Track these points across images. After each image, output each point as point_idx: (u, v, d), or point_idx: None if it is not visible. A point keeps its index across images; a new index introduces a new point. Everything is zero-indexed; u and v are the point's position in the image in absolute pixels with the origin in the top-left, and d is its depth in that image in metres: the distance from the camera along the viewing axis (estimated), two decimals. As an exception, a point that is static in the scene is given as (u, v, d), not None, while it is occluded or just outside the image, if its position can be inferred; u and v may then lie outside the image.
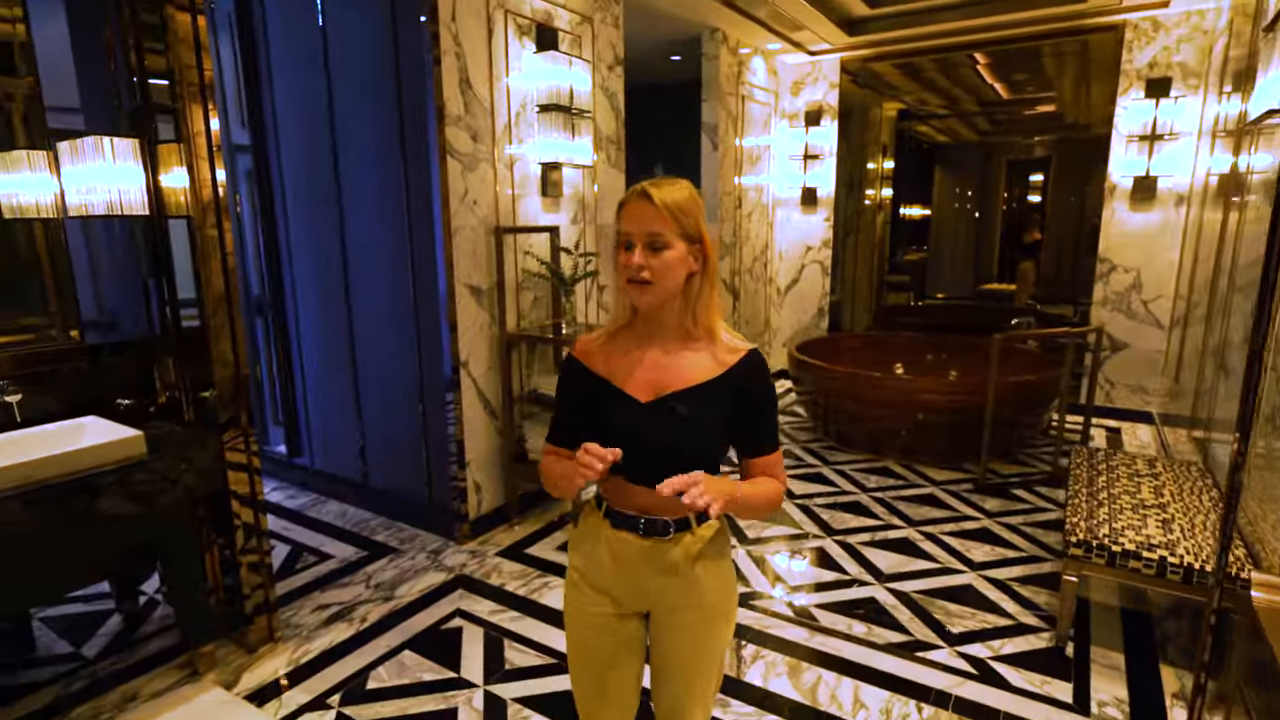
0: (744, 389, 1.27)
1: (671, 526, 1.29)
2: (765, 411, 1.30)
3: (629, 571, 1.31)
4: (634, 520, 1.29)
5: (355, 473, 3.71)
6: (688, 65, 5.44)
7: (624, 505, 1.31)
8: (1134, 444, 4.71)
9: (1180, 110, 4.64)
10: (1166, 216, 4.87)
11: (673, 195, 1.19)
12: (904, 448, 4.32)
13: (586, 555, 1.37)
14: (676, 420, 1.23)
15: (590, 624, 1.37)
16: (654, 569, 1.30)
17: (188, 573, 2.32)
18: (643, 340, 1.29)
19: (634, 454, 1.20)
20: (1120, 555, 2.24)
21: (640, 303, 1.23)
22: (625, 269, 1.21)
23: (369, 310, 3.42)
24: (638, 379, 1.26)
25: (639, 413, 1.25)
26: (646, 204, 1.18)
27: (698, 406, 1.24)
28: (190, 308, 2.38)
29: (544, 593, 2.85)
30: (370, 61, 3.09)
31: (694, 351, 1.27)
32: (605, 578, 1.34)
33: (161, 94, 2.20)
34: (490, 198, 3.20)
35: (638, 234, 1.19)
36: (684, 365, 1.26)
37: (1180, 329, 4.46)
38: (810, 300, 6.47)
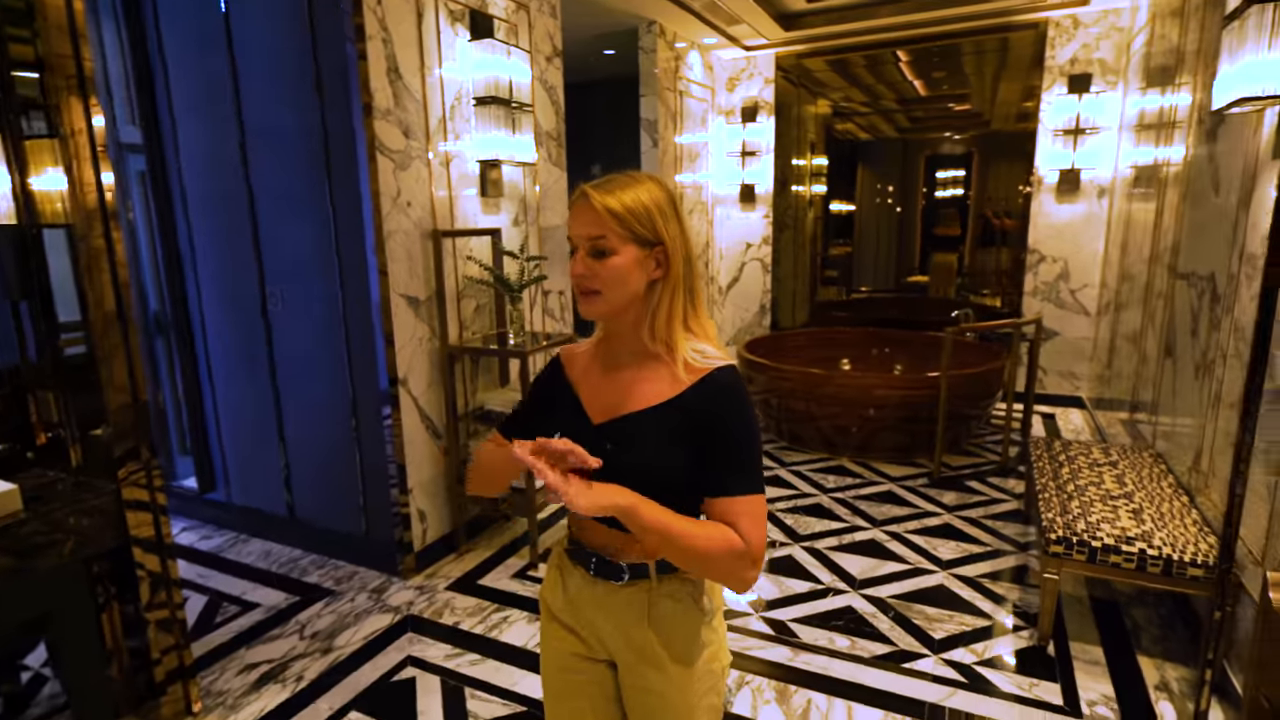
0: (705, 414, 1.04)
1: (625, 572, 1.11)
2: (729, 442, 1.03)
3: (583, 613, 1.17)
4: (587, 556, 1.15)
5: (280, 506, 3.35)
6: (621, 61, 5.27)
7: (582, 538, 1.17)
8: (1068, 429, 4.86)
9: (1100, 105, 4.82)
10: (1090, 208, 5.05)
11: (621, 196, 1.04)
12: (857, 445, 4.29)
13: (549, 585, 1.24)
14: (619, 447, 1.06)
15: (561, 664, 1.22)
16: (608, 616, 1.15)
17: (80, 640, 1.97)
18: (612, 353, 1.15)
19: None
20: (1101, 550, 2.22)
21: (587, 313, 1.09)
22: (573, 275, 1.08)
23: (291, 325, 3.08)
24: (597, 397, 1.13)
25: (588, 434, 1.09)
26: (586, 205, 1.04)
27: (647, 431, 1.06)
28: (74, 330, 2.02)
29: (504, 629, 2.62)
30: (283, 49, 2.77)
31: (654, 370, 1.10)
32: (564, 615, 1.21)
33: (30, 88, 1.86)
34: (426, 198, 2.92)
35: (579, 238, 1.06)
36: (641, 385, 1.10)
37: (1109, 315, 4.62)
38: (752, 298, 6.42)
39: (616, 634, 1.15)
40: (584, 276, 1.05)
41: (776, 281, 6.41)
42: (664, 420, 1.06)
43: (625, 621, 1.13)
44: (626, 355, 1.13)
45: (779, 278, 6.44)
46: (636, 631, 1.12)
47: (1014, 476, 3.95)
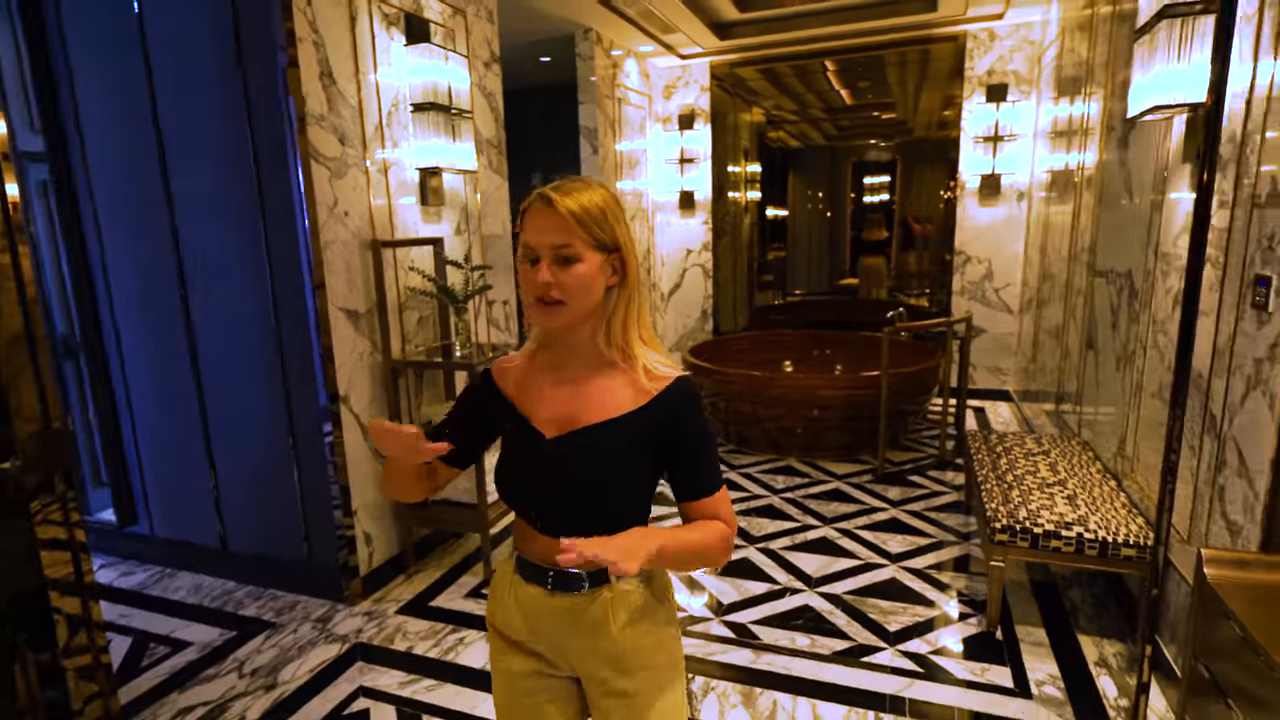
0: (671, 423, 1.06)
1: (585, 581, 1.09)
2: (700, 448, 1.07)
3: (544, 630, 1.13)
4: (542, 572, 1.11)
5: (210, 536, 3.15)
6: (558, 68, 5.24)
7: (532, 554, 1.12)
8: (998, 421, 5.10)
9: (1017, 114, 5.10)
10: (1010, 211, 5.32)
11: (580, 199, 1.01)
12: (803, 445, 4.38)
13: (499, 607, 1.18)
14: (580, 461, 1.05)
15: (522, 689, 1.17)
16: (572, 629, 1.11)
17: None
18: (557, 364, 1.11)
19: (539, 498, 1.08)
20: (1042, 536, 2.32)
21: (550, 326, 1.04)
22: (531, 287, 1.02)
23: (219, 343, 2.90)
24: (546, 410, 1.09)
25: (542, 450, 1.07)
26: (549, 211, 1.00)
27: (612, 443, 1.05)
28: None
29: (460, 650, 2.53)
30: (204, 50, 2.61)
31: (611, 379, 1.08)
32: (520, 633, 1.15)
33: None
34: (364, 208, 2.81)
35: (542, 246, 1.01)
36: (598, 396, 1.07)
37: (1031, 312, 4.88)
38: (694, 303, 6.48)
39: (582, 645, 1.11)
40: (549, 286, 1.00)
41: (717, 286, 6.49)
42: (629, 430, 1.05)
43: (591, 631, 1.10)
44: (578, 365, 1.09)
45: (719, 283, 6.53)
46: (603, 640, 1.10)
47: (952, 469, 4.11)
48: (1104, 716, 2.07)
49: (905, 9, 4.98)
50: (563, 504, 1.06)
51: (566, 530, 1.00)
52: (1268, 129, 1.70)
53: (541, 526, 1.09)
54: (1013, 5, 4.71)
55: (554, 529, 1.07)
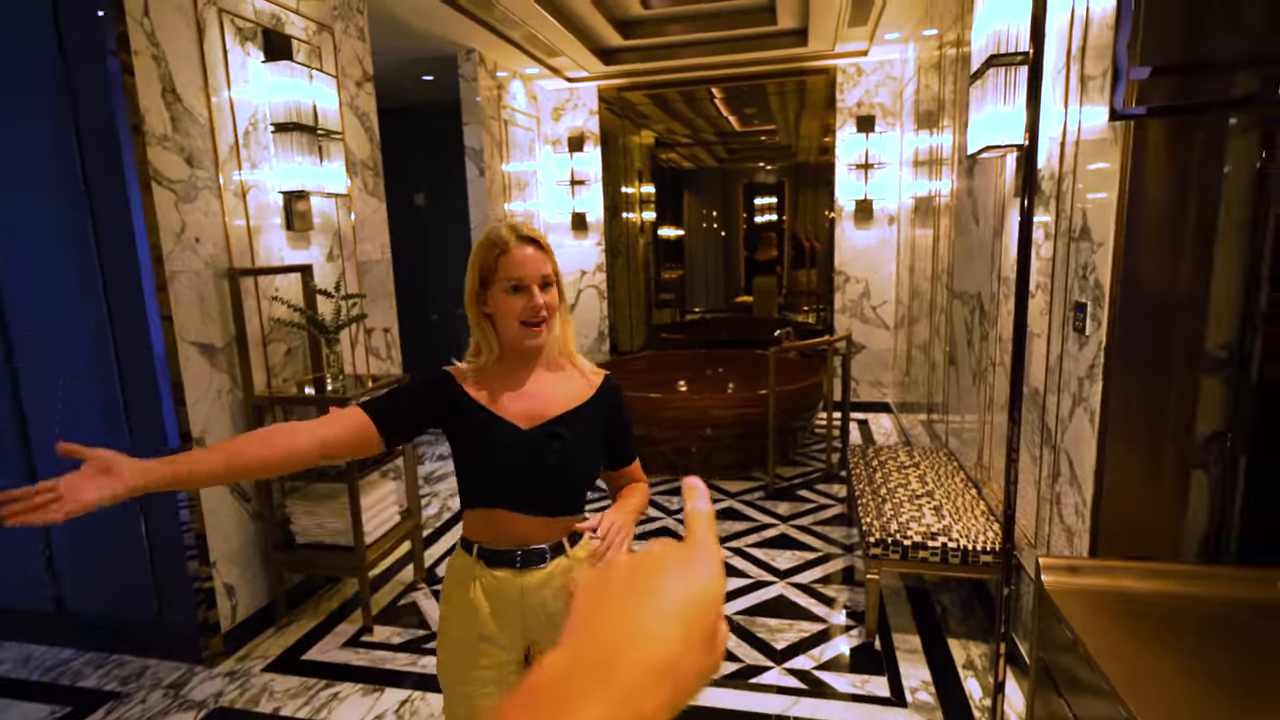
0: (612, 408, 1.37)
1: (548, 553, 1.31)
2: (629, 427, 1.43)
3: (508, 611, 1.30)
4: (510, 555, 1.29)
5: (42, 598, 2.79)
6: (441, 87, 5.12)
7: (500, 540, 1.30)
8: (880, 432, 5.38)
9: (885, 143, 5.45)
10: (883, 234, 5.67)
11: (545, 238, 1.29)
12: (698, 464, 4.44)
13: (460, 605, 1.31)
14: (559, 445, 1.27)
15: (477, 679, 1.31)
16: (533, 602, 1.30)
17: None
18: (512, 373, 1.31)
19: (515, 482, 1.27)
20: (911, 548, 2.44)
21: (538, 342, 1.27)
22: (525, 311, 1.24)
23: (47, 383, 2.59)
24: (514, 407, 1.29)
25: (521, 441, 1.27)
26: (535, 249, 1.25)
27: (576, 429, 1.30)
28: None
29: (334, 707, 2.36)
30: (19, 58, 2.35)
31: (562, 380, 1.34)
32: (485, 623, 1.30)
33: None
34: (218, 234, 2.61)
35: (533, 278, 1.23)
36: (557, 392, 1.32)
37: (905, 329, 5.20)
38: (590, 324, 6.47)
39: (543, 616, 1.30)
40: (543, 308, 1.24)
41: (613, 307, 6.52)
42: (587, 416, 1.32)
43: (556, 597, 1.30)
44: (531, 370, 1.32)
45: (615, 303, 6.56)
46: (563, 603, 1.28)
47: (837, 481, 4.28)
48: (971, 719, 2.19)
49: (779, 43, 5.23)
50: (538, 483, 1.28)
51: (538, 506, 1.28)
52: (1079, 167, 1.88)
53: (516, 505, 1.27)
54: (875, 43, 5.04)
55: (528, 506, 1.28)
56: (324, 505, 2.84)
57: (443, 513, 4.10)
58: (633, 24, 5.16)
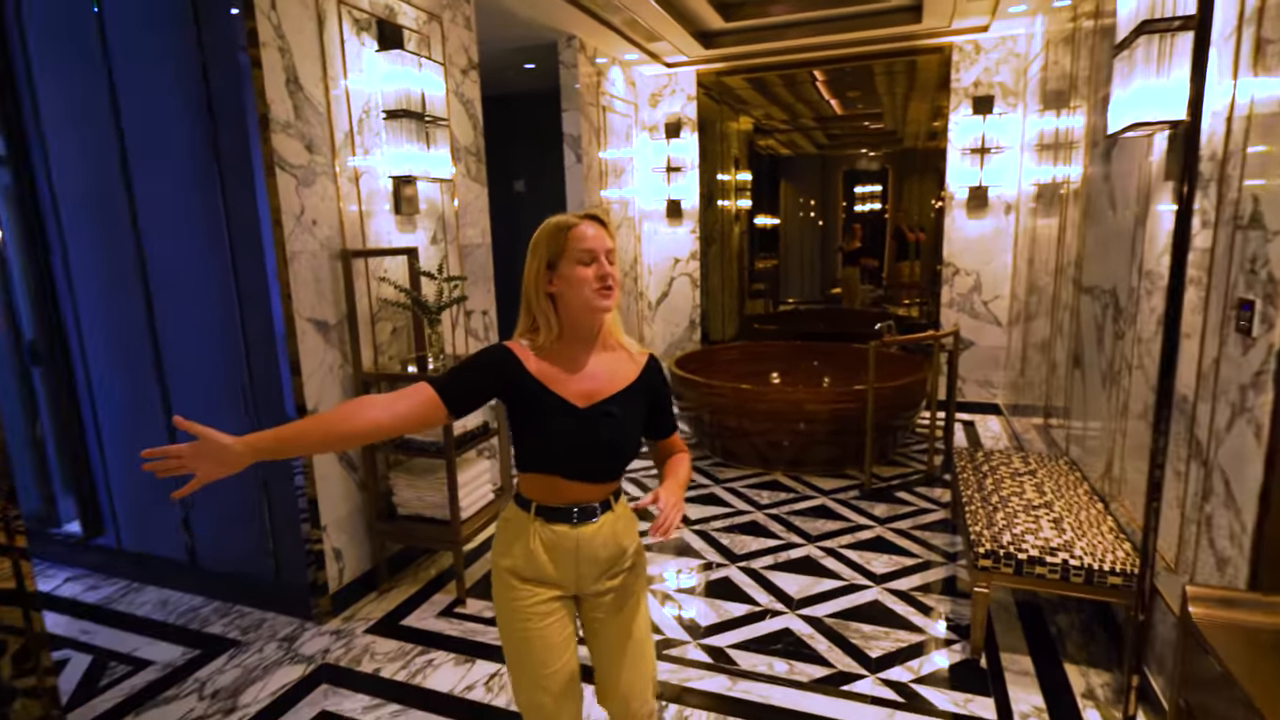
0: (654, 385, 1.48)
1: (599, 510, 1.44)
2: (670, 401, 1.55)
3: (565, 558, 1.43)
4: (567, 511, 1.41)
5: (178, 550, 3.06)
6: (542, 75, 5.19)
7: (557, 501, 1.41)
8: (987, 435, 5.05)
9: (1003, 126, 5.07)
10: (998, 223, 5.29)
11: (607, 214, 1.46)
12: (790, 459, 4.31)
13: (520, 555, 1.43)
14: (612, 423, 1.37)
15: (537, 614, 1.43)
16: (587, 551, 1.43)
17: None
18: (570, 352, 1.40)
19: (573, 455, 1.38)
20: (1026, 563, 2.26)
21: (608, 308, 1.36)
22: (597, 279, 1.34)
23: (185, 353, 2.82)
24: (572, 387, 1.37)
25: (578, 418, 1.36)
26: (601, 228, 1.38)
27: (627, 408, 1.40)
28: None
29: (428, 674, 2.45)
30: (166, 54, 2.54)
31: (611, 360, 1.43)
32: (543, 568, 1.42)
33: None
34: (333, 217, 2.74)
35: (601, 250, 1.35)
36: (610, 373, 1.41)
37: (1020, 326, 4.84)
38: (681, 313, 6.42)
39: (595, 562, 1.44)
40: (610, 276, 1.35)
41: (706, 295, 6.44)
42: (636, 395, 1.43)
43: (605, 546, 1.44)
44: (586, 352, 1.41)
45: (708, 292, 6.48)
46: (611, 550, 1.45)
47: (940, 485, 4.05)
48: (1087, 749, 2.00)
49: (890, 20, 4.95)
50: (594, 456, 1.39)
51: (591, 475, 1.41)
52: (1248, 147, 1.65)
53: (572, 474, 1.40)
54: (998, 18, 4.68)
55: (583, 475, 1.41)
56: (424, 479, 2.94)
57: (533, 493, 4.18)
58: (734, 4, 5.03)
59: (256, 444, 1.16)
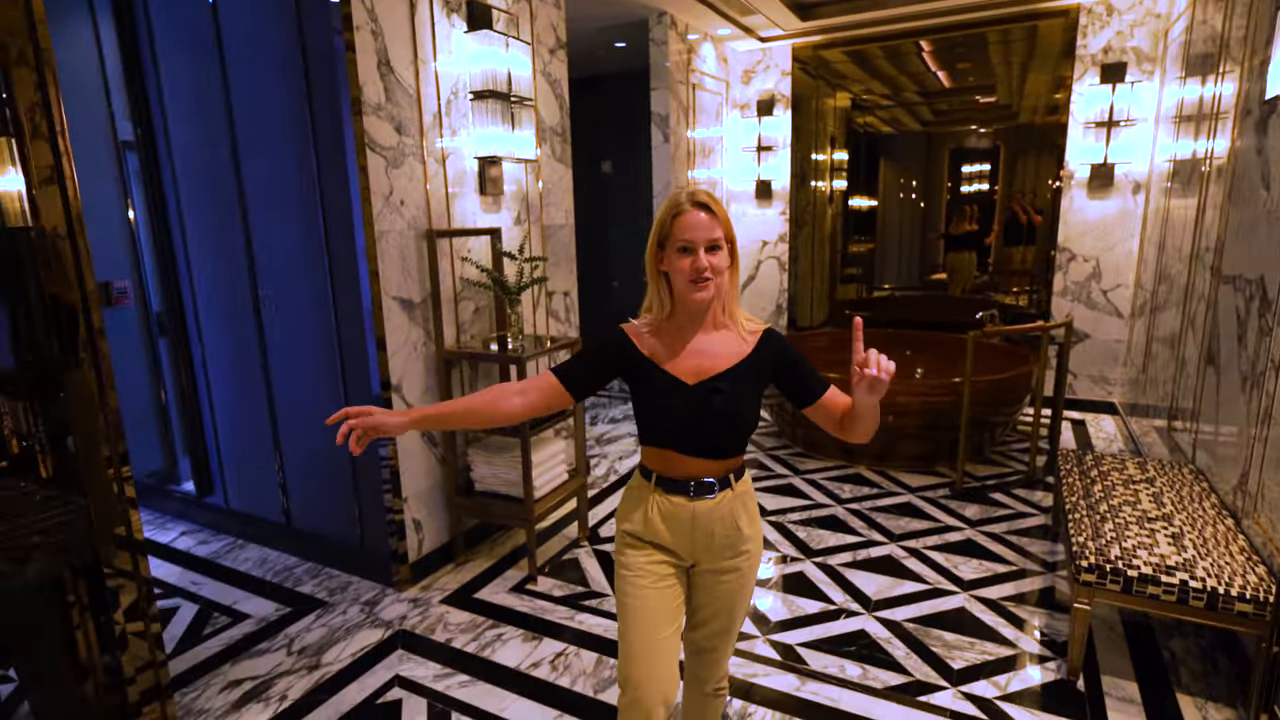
0: (776, 357, 1.45)
1: (716, 486, 1.46)
2: (800, 364, 1.46)
3: (681, 529, 1.46)
4: (685, 484, 1.45)
5: (276, 512, 3.27)
6: (632, 54, 5.12)
7: (675, 473, 1.46)
8: (1099, 436, 4.63)
9: (1136, 96, 4.57)
10: (1124, 204, 4.80)
11: (721, 207, 1.38)
12: (875, 453, 4.12)
13: (639, 521, 1.49)
14: (720, 399, 1.39)
15: (648, 574, 1.48)
16: (703, 525, 1.46)
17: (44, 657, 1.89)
18: (680, 330, 1.44)
19: (684, 430, 1.42)
20: (1137, 580, 2.04)
21: (703, 299, 1.37)
22: (692, 271, 1.35)
23: (284, 328, 2.99)
24: (682, 364, 1.42)
25: (687, 395, 1.40)
26: (708, 215, 1.36)
27: (736, 384, 1.40)
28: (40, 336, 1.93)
29: (497, 648, 2.50)
30: (271, 40, 2.66)
31: (724, 337, 1.44)
32: (660, 535, 1.47)
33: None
34: (420, 197, 2.81)
35: (701, 240, 1.35)
36: (719, 350, 1.43)
37: (1144, 318, 4.39)
38: (768, 297, 6.25)
39: (710, 536, 1.46)
40: (707, 269, 1.34)
41: (794, 279, 6.23)
42: (747, 372, 1.42)
43: (721, 522, 1.46)
44: (699, 329, 1.43)
45: (797, 275, 6.26)
46: (727, 527, 1.47)
47: (1041, 488, 3.75)
48: (1202, 794, 1.79)
49: (1009, -19, 4.56)
50: (705, 431, 1.42)
51: (705, 450, 1.43)
52: None
53: (686, 449, 1.43)
54: (1137, -27, 4.21)
55: (696, 450, 1.43)
56: (500, 456, 3.00)
57: (609, 475, 4.20)
58: (835, -27, 4.78)
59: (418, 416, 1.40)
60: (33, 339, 1.92)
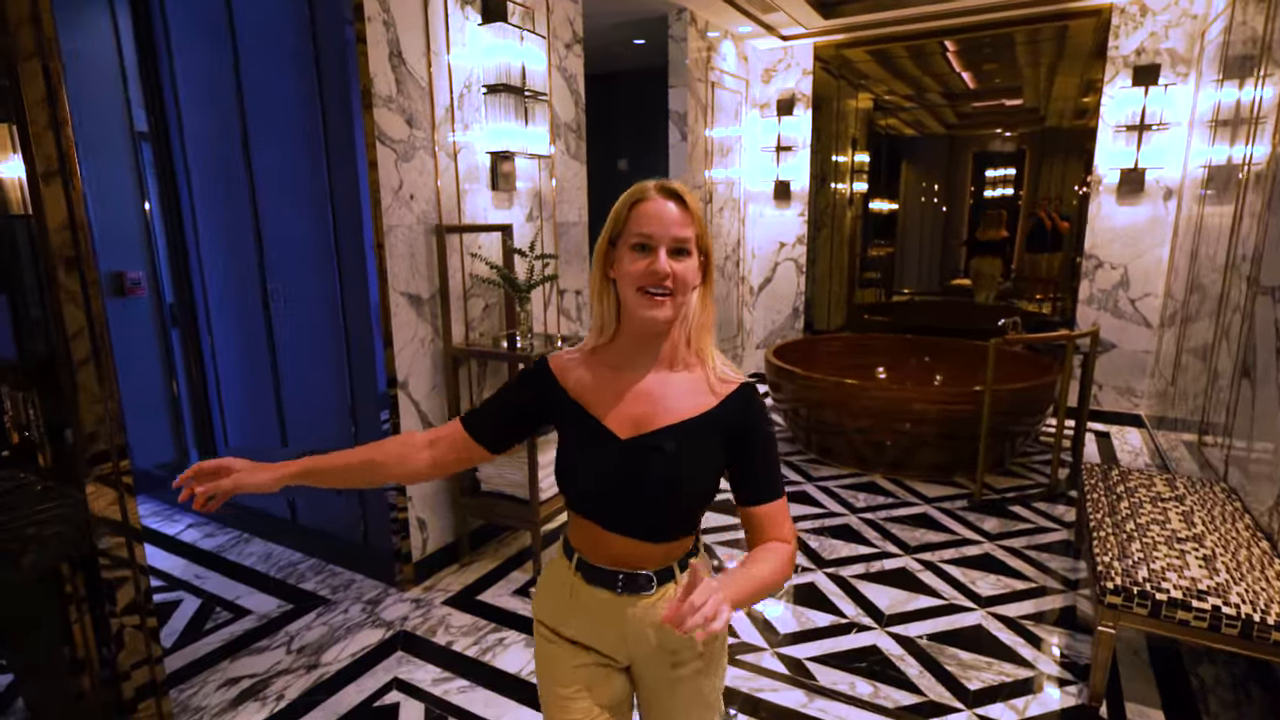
0: (739, 426, 1.08)
1: (654, 580, 1.11)
2: (764, 453, 1.09)
3: (608, 627, 1.14)
4: (611, 576, 1.11)
5: (282, 507, 3.24)
6: (649, 51, 5.05)
7: (598, 557, 1.12)
8: (1124, 449, 4.50)
9: (1170, 99, 4.43)
10: (1154, 210, 4.66)
11: (694, 199, 1.06)
12: (891, 461, 4.02)
13: (555, 610, 1.18)
14: (661, 462, 1.05)
15: (572, 679, 1.16)
16: (635, 629, 1.12)
17: (39, 649, 1.86)
18: (625, 362, 1.11)
19: (609, 499, 1.08)
20: (1166, 604, 1.94)
21: (658, 316, 1.03)
22: (646, 275, 1.02)
23: (292, 322, 2.96)
24: (618, 411, 1.08)
25: (617, 451, 1.07)
26: (676, 205, 1.03)
27: (687, 446, 1.06)
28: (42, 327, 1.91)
29: (498, 652, 2.45)
30: (283, 31, 2.63)
31: (683, 380, 1.10)
32: (582, 633, 1.16)
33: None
34: (430, 192, 2.76)
35: (663, 237, 1.02)
36: (672, 396, 1.08)
37: (1174, 328, 4.25)
38: (784, 300, 6.16)
39: (645, 639, 1.13)
40: (668, 276, 1.01)
41: (812, 282, 6.14)
42: (705, 430, 1.07)
43: (660, 629, 1.11)
44: (649, 364, 1.09)
45: (815, 278, 6.17)
46: (672, 637, 1.11)
47: (1063, 502, 3.64)
48: (1232, 833, 1.70)
49: (1039, -21, 4.44)
50: (636, 504, 1.07)
51: (638, 528, 1.07)
52: None
53: (612, 524, 1.09)
54: (1174, -28, 4.07)
55: (626, 527, 1.08)
56: (506, 456, 2.95)
57: (619, 477, 4.13)
58: (859, -30, 4.68)
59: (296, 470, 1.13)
60: (32, 329, 1.90)
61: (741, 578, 0.96)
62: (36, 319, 1.91)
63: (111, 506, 1.98)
